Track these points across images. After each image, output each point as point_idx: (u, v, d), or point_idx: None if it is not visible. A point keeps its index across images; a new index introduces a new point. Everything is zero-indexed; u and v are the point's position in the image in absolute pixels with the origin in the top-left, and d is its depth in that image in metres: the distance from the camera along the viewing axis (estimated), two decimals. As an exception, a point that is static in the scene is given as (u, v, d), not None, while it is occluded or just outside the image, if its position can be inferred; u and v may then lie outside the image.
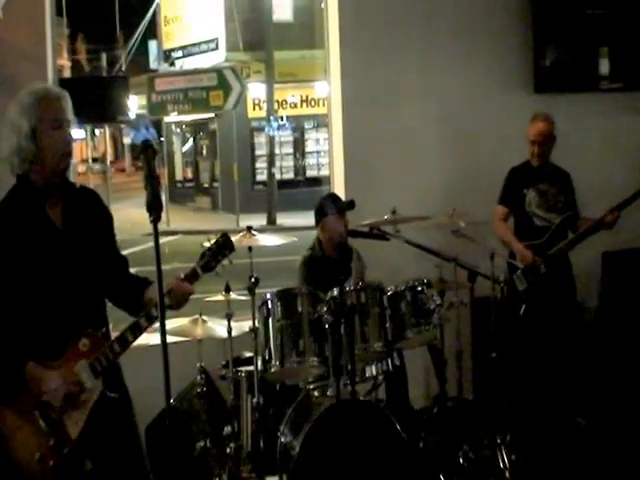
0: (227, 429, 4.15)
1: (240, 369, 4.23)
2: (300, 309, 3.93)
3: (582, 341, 4.92)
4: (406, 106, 5.43)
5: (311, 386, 4.05)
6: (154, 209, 2.39)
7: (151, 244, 2.41)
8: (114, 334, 2.83)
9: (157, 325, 2.46)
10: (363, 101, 5.38)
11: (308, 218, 5.17)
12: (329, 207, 4.51)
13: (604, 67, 5.79)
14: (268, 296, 3.97)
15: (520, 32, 5.58)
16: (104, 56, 30.20)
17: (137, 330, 2.72)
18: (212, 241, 2.80)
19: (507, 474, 4.08)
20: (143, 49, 26.48)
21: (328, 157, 5.95)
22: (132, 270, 3.01)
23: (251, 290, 4.05)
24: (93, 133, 30.08)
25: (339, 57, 5.40)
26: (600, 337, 5.19)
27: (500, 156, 5.25)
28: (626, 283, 5.50)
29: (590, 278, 5.47)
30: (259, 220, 19.02)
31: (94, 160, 28.43)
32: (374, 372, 4.12)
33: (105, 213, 2.94)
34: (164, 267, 2.52)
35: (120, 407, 2.78)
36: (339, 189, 5.43)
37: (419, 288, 4.08)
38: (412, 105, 5.44)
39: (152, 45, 26.60)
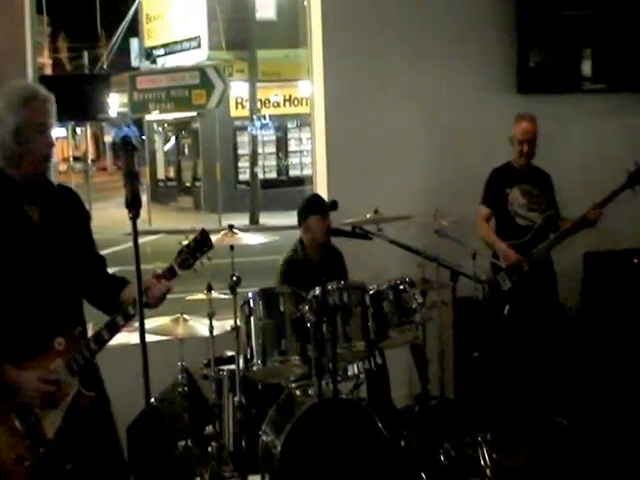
0: (209, 428, 4.13)
1: (222, 368, 4.22)
2: (282, 308, 3.93)
3: (563, 341, 4.94)
4: (389, 106, 5.45)
5: (293, 385, 4.05)
6: (133, 206, 2.39)
7: (130, 244, 2.40)
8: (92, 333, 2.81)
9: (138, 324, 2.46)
10: (346, 101, 5.39)
11: (291, 218, 5.18)
12: (312, 207, 4.53)
13: (587, 68, 5.82)
14: (250, 295, 3.97)
15: (504, 33, 5.61)
16: (86, 54, 29.99)
17: (113, 328, 2.70)
18: (190, 238, 2.78)
19: (488, 472, 4.10)
20: (125, 47, 26.34)
21: (311, 157, 5.96)
22: (113, 269, 3.00)
23: (233, 289, 4.04)
24: (74, 131, 29.88)
25: (322, 56, 5.40)
26: (581, 337, 5.23)
27: (484, 157, 5.28)
28: (607, 284, 5.53)
29: (572, 278, 5.50)
30: (242, 220, 18.97)
31: (75, 159, 28.26)
32: (356, 371, 4.13)
33: (83, 212, 2.93)
34: (146, 267, 2.52)
35: (97, 406, 2.77)
36: (322, 189, 5.44)
37: (401, 287, 4.10)
38: (395, 105, 5.45)
39: (134, 43, 26.45)
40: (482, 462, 4.14)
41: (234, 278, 4.06)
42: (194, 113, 22.05)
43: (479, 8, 5.57)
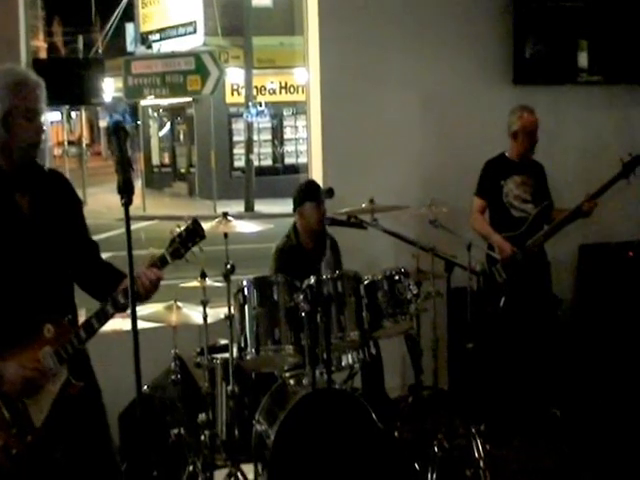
0: (202, 417, 4.09)
1: (215, 356, 4.19)
2: (276, 297, 3.91)
3: (557, 332, 4.94)
4: (385, 95, 5.42)
5: (287, 374, 4.04)
6: (125, 192, 2.36)
7: (124, 230, 2.37)
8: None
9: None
10: (342, 89, 5.36)
11: (286, 205, 5.17)
12: (308, 194, 4.51)
13: (583, 60, 5.79)
14: (244, 283, 3.95)
15: (501, 24, 5.58)
16: (80, 39, 29.85)
17: (103, 317, 2.66)
18: (182, 227, 2.75)
19: (482, 464, 4.09)
20: (120, 32, 26.19)
21: (307, 145, 5.92)
22: (107, 255, 2.97)
23: (227, 277, 4.01)
24: (69, 116, 29.78)
25: (318, 44, 5.37)
26: (575, 329, 5.23)
27: (479, 147, 5.25)
28: (601, 276, 5.54)
29: (567, 270, 5.50)
30: (237, 207, 18.95)
31: (70, 143, 28.14)
32: (350, 361, 4.10)
33: (74, 197, 2.90)
34: (140, 252, 2.49)
35: (87, 395, 2.74)
36: (317, 177, 5.41)
37: (396, 277, 4.07)
38: (392, 94, 5.42)
39: (129, 28, 26.33)
40: (476, 453, 4.13)
41: (228, 266, 4.02)
42: (189, 99, 21.96)
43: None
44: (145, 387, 4.20)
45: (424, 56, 5.46)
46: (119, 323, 4.00)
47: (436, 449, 4.09)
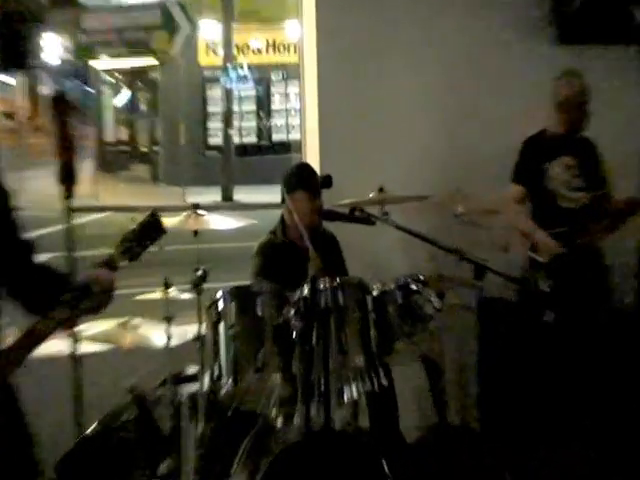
0: (165, 465, 4.05)
1: (182, 389, 4.15)
2: (260, 312, 3.85)
3: (620, 354, 4.89)
4: (398, 56, 5.42)
5: (273, 411, 3.94)
6: (66, 181, 2.30)
7: (73, 223, 2.32)
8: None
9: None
10: (344, 47, 5.34)
11: (274, 194, 5.14)
12: (300, 180, 4.50)
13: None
14: (219, 294, 3.90)
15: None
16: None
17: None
18: (137, 222, 2.75)
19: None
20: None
21: (300, 118, 5.93)
22: (47, 256, 2.91)
23: (197, 287, 4.01)
24: (4, 83, 29.78)
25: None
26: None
27: (516, 123, 5.22)
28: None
29: (625, 275, 5.45)
30: (212, 195, 18.99)
31: (6, 116, 28.22)
32: (354, 394, 4.00)
33: None
34: (90, 253, 2.43)
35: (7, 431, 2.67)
36: (312, 159, 5.41)
37: (413, 287, 4.01)
38: (406, 55, 5.43)
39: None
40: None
41: (199, 272, 4.02)
42: (154, 61, 21.98)
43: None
44: (91, 428, 4.07)
45: (447, 8, 5.44)
46: (56, 345, 3.93)
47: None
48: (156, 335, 4.14)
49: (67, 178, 2.36)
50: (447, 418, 4.30)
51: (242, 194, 19.77)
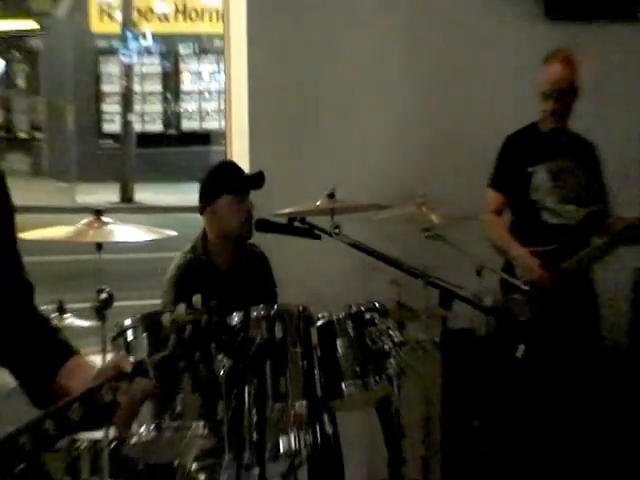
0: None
1: (80, 437, 4.06)
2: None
3: (609, 393, 4.96)
4: (352, 28, 5.40)
5: (194, 466, 3.92)
6: None
7: None
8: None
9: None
10: (280, 14, 5.31)
11: (184, 193, 5.12)
12: (224, 183, 4.48)
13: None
14: (128, 323, 3.84)
15: None
16: None
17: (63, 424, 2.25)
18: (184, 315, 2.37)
19: None
20: None
21: (224, 103, 5.88)
22: None
23: (100, 312, 3.92)
24: None
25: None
26: (633, 385, 5.24)
27: (497, 115, 5.31)
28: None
29: (617, 303, 5.53)
30: (108, 194, 18.82)
31: None
32: (293, 446, 4.00)
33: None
34: None
35: None
36: (239, 154, 5.38)
37: (367, 316, 4.02)
38: (361, 24, 5.41)
39: None
40: None
41: (103, 295, 3.92)
42: (34, 24, 21.74)
43: None
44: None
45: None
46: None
47: None
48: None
49: None
50: (404, 474, 4.29)
51: (145, 193, 19.63)
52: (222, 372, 3.73)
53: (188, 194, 4.29)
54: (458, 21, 5.52)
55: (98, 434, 3.96)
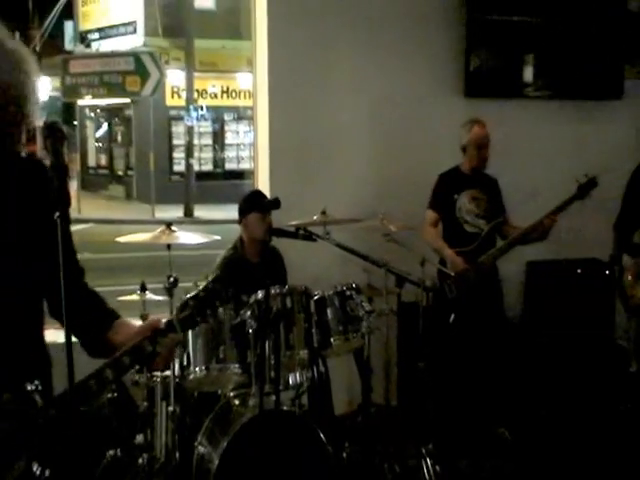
0: (139, 438, 3.89)
1: (155, 374, 3.94)
2: (221, 313, 3.71)
3: (507, 351, 4.86)
4: (336, 102, 5.29)
5: (231, 394, 3.86)
6: (61, 203, 1.95)
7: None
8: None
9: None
10: (291, 95, 5.21)
11: (226, 211, 5.04)
12: (252, 204, 4.41)
13: (529, 74, 5.75)
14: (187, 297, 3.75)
15: (453, 36, 5.48)
16: (17, 35, 29.02)
17: (101, 382, 2.12)
18: (199, 287, 2.28)
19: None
20: (59, 30, 25.55)
21: (252, 151, 5.78)
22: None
23: (169, 291, 3.82)
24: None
25: (266, 48, 5.21)
26: (524, 348, 5.15)
27: (432, 160, 5.17)
28: (549, 293, 5.48)
29: (514, 287, 5.43)
30: (175, 212, 18.65)
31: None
32: (298, 380, 3.96)
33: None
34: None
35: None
36: (263, 186, 5.25)
37: (348, 294, 3.95)
38: (342, 101, 5.29)
39: (68, 26, 25.68)
40: (426, 474, 4.00)
41: (171, 279, 3.83)
42: (128, 100, 21.55)
43: (430, 10, 5.43)
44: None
45: (376, 64, 5.34)
46: (52, 335, 3.76)
47: (386, 471, 3.95)
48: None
49: (61, 201, 2.05)
50: (372, 399, 4.21)
51: (201, 211, 19.41)
52: (250, 330, 3.68)
53: (230, 212, 4.21)
54: (406, 99, 5.39)
55: (166, 373, 3.91)
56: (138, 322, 2.41)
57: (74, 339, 2.06)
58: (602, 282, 5.36)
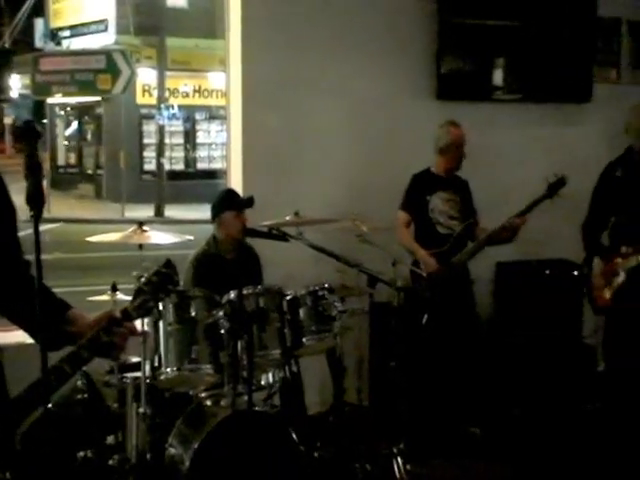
0: (111, 439, 3.85)
1: (126, 375, 3.92)
2: (194, 313, 3.70)
3: (478, 351, 4.88)
4: (310, 102, 5.27)
5: (203, 395, 3.83)
6: (35, 202, 1.96)
7: (30, 231, 2.06)
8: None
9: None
10: (264, 95, 5.19)
11: (198, 211, 5.00)
12: (227, 203, 4.39)
13: (501, 77, 5.79)
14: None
15: (426, 39, 5.50)
16: (-15, 31, 28.65)
17: (61, 376, 2.15)
18: (150, 272, 2.29)
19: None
20: (29, 27, 25.24)
21: (225, 151, 5.74)
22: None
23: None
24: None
25: (240, 48, 5.18)
26: (493, 347, 5.18)
27: (405, 161, 5.16)
28: (518, 293, 5.52)
29: (484, 287, 5.46)
30: (146, 211, 18.49)
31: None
32: (270, 380, 3.95)
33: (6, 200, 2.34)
34: (45, 257, 2.19)
35: None
36: (236, 185, 5.22)
37: (320, 294, 3.94)
38: (316, 102, 5.28)
39: (39, 23, 25.35)
40: (397, 473, 4.01)
41: (142, 279, 3.79)
42: (98, 98, 21.33)
43: (403, 12, 5.44)
44: (49, 405, 3.87)
45: (349, 66, 5.33)
46: (22, 335, 3.71)
47: (358, 470, 3.95)
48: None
49: (37, 199, 2.06)
50: (344, 399, 4.21)
51: (172, 211, 19.24)
52: (223, 330, 3.66)
53: (201, 211, 4.17)
54: (378, 101, 5.39)
55: (137, 374, 3.87)
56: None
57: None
58: (570, 283, 5.40)
